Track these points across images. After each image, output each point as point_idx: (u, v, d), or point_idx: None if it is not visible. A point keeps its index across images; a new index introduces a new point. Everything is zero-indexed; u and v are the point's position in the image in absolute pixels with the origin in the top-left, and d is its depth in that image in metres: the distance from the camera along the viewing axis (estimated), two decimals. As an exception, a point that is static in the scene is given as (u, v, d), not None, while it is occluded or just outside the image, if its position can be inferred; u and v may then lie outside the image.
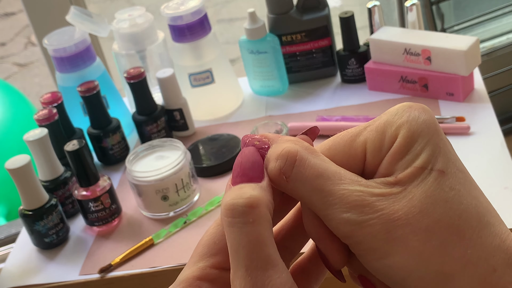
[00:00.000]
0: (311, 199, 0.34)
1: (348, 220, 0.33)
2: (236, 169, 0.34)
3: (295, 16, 1.23)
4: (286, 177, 0.34)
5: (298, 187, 0.34)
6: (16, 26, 3.52)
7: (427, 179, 0.33)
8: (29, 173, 0.98)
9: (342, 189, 0.33)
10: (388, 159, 0.34)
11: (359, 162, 0.35)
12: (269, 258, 0.32)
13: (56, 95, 1.13)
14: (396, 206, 0.32)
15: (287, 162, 0.34)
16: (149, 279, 0.96)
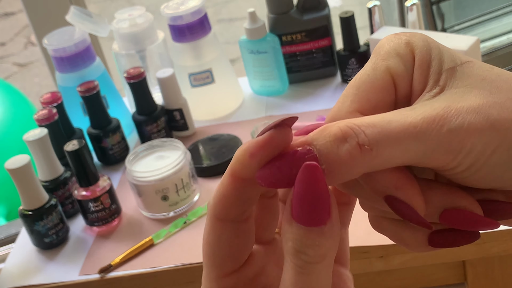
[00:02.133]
0: (405, 147, 0.29)
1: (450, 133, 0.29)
2: (303, 202, 0.29)
3: (295, 16, 1.23)
4: (368, 146, 0.29)
5: (384, 146, 0.29)
6: (16, 26, 3.52)
7: (466, 70, 0.32)
8: (29, 173, 0.98)
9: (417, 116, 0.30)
10: (419, 71, 0.32)
11: (391, 92, 0.33)
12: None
13: (56, 95, 1.13)
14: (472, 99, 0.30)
15: (356, 133, 0.29)
16: (149, 280, 0.96)
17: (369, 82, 0.33)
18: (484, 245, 0.89)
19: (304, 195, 0.29)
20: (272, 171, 0.30)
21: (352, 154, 0.29)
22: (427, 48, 0.33)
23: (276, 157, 0.30)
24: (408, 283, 0.97)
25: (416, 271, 0.95)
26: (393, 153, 0.29)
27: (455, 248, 0.89)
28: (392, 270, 0.94)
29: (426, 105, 0.31)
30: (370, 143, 0.29)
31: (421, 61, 0.32)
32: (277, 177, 0.30)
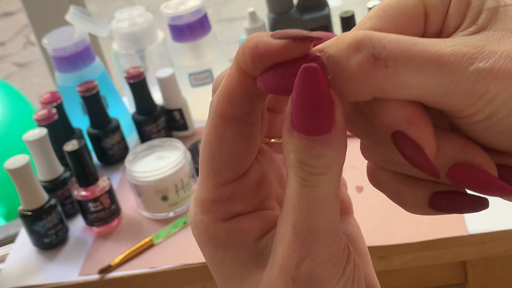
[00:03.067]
0: (422, 75, 0.26)
1: (474, 74, 0.26)
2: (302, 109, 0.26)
3: (295, 16, 1.23)
4: (384, 62, 0.25)
5: (401, 68, 0.26)
6: (15, 26, 3.52)
7: (508, 16, 0.28)
8: (28, 173, 0.98)
9: (446, 47, 0.26)
10: (456, 6, 0.29)
11: (421, 23, 0.29)
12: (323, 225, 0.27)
13: (55, 95, 1.13)
14: (504, 45, 0.27)
15: (374, 44, 0.26)
16: (148, 280, 0.96)
17: (398, 7, 0.29)
18: (484, 245, 0.89)
19: (303, 101, 0.26)
20: (274, 77, 0.27)
21: (363, 67, 0.25)
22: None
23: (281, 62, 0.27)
24: (408, 283, 0.97)
25: (416, 271, 0.95)
26: (411, 80, 0.26)
27: (455, 249, 0.89)
28: (392, 271, 0.94)
29: (458, 40, 0.27)
30: (387, 59, 0.25)
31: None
32: (279, 83, 0.27)
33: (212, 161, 0.29)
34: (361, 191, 0.99)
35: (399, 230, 0.91)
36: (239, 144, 0.29)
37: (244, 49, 0.27)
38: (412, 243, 0.89)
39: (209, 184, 0.29)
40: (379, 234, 0.91)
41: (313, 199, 0.27)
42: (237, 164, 0.29)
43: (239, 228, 0.29)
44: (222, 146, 0.29)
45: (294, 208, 0.27)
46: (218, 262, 0.30)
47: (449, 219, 0.91)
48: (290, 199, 0.27)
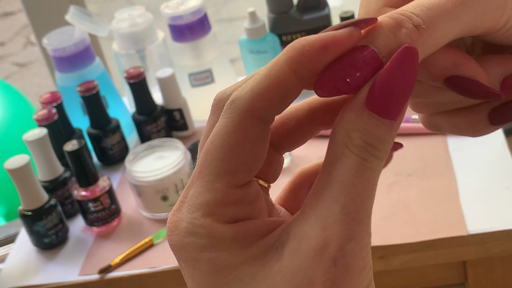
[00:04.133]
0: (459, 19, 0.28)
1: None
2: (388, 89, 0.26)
3: (295, 16, 1.23)
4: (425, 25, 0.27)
5: (439, 24, 0.27)
6: (15, 26, 3.52)
7: None
8: (28, 173, 0.98)
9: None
10: None
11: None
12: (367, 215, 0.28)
13: (55, 95, 1.13)
14: None
15: (409, 17, 0.27)
16: (148, 280, 0.96)
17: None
18: (484, 245, 0.89)
19: (394, 80, 0.26)
20: (336, 77, 0.27)
21: (412, 37, 0.27)
22: None
23: (333, 61, 0.27)
24: (408, 283, 0.97)
25: (416, 271, 0.95)
26: (448, 26, 0.28)
27: (455, 249, 0.89)
28: (392, 271, 0.94)
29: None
30: (425, 22, 0.27)
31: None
32: (342, 82, 0.27)
33: (229, 161, 0.28)
34: (361, 191, 0.99)
35: (399, 230, 0.91)
36: (259, 146, 0.29)
37: (302, 46, 0.28)
38: (412, 243, 0.89)
39: (218, 186, 0.28)
40: (379, 234, 0.91)
41: (368, 181, 0.27)
42: (254, 166, 0.29)
43: (245, 228, 0.28)
44: (244, 146, 0.28)
45: (346, 188, 0.27)
46: (219, 267, 0.28)
47: (449, 219, 0.91)
48: (342, 178, 0.27)
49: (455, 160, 1.00)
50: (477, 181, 0.95)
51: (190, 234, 0.28)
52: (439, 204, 0.93)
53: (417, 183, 0.98)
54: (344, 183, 0.27)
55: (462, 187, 0.95)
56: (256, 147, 0.28)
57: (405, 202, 0.95)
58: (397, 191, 0.98)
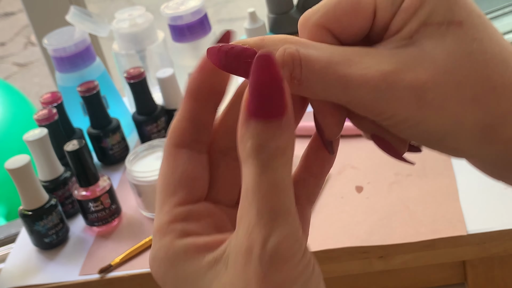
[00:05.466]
0: (329, 92, 0.31)
1: (376, 99, 0.31)
2: (255, 98, 0.29)
3: (295, 16, 1.23)
4: (298, 81, 0.31)
5: (312, 86, 0.31)
6: (15, 26, 3.52)
7: (446, 36, 0.31)
8: (29, 173, 0.98)
9: (357, 70, 0.31)
10: (401, 14, 0.32)
11: (368, 18, 0.32)
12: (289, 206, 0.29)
13: (56, 95, 1.13)
14: (420, 72, 0.31)
15: (294, 66, 0.31)
16: (149, 280, 0.96)
17: (350, 2, 0.32)
18: (484, 245, 0.89)
19: (260, 86, 0.28)
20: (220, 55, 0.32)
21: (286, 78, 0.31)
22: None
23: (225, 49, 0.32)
24: (408, 283, 0.97)
25: (416, 271, 0.95)
26: (320, 93, 0.32)
27: (455, 248, 0.89)
28: (392, 270, 0.94)
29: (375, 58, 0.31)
30: (300, 79, 0.31)
31: (409, 4, 0.31)
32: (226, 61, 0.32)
33: (167, 186, 0.33)
34: (361, 191, 0.99)
35: (399, 230, 0.91)
36: (189, 167, 0.33)
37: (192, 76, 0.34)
38: (412, 243, 0.89)
39: (165, 209, 0.32)
40: (379, 234, 0.91)
41: (274, 180, 0.29)
42: (190, 185, 0.33)
43: (196, 242, 0.31)
44: (175, 170, 0.33)
45: (255, 193, 0.29)
46: (182, 282, 0.31)
47: (448, 219, 0.91)
48: (249, 187, 0.29)
49: (454, 160, 1.00)
50: (476, 181, 0.95)
51: (156, 259, 0.32)
52: (438, 204, 0.94)
53: (417, 183, 0.98)
54: (252, 189, 0.29)
55: (461, 187, 0.95)
56: (187, 169, 0.33)
57: (405, 202, 0.95)
58: (397, 191, 0.98)
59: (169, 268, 0.31)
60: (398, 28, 0.32)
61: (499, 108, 0.31)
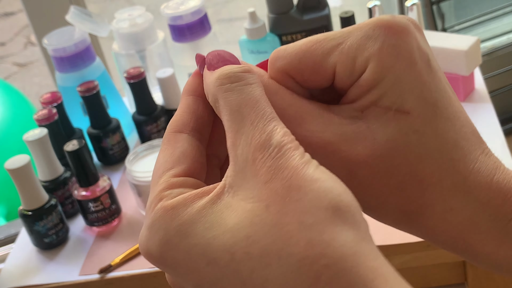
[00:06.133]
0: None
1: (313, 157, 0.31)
2: (214, 58, 0.33)
3: (295, 16, 1.23)
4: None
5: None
6: (15, 26, 3.52)
7: (390, 121, 0.32)
8: (28, 173, 0.98)
9: (303, 131, 0.32)
10: (356, 89, 0.32)
11: (328, 79, 0.33)
12: (272, 113, 0.30)
13: (55, 95, 1.13)
14: (359, 149, 0.32)
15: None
16: (149, 280, 0.96)
17: (313, 59, 0.33)
18: (484, 245, 0.89)
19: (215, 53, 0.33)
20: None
21: None
22: (380, 74, 0.31)
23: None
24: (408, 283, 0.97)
25: (416, 271, 0.95)
26: None
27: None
28: (392, 270, 0.94)
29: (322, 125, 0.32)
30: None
31: (365, 81, 0.32)
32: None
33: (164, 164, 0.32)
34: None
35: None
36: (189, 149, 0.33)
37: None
38: (412, 243, 0.89)
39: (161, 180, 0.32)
40: (379, 234, 0.91)
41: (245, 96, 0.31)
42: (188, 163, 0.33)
43: (192, 192, 0.31)
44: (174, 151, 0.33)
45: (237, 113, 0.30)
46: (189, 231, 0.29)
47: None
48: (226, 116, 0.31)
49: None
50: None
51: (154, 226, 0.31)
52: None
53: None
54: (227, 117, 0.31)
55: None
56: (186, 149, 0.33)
57: (405, 202, 0.95)
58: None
59: (170, 224, 0.30)
60: (353, 99, 0.33)
61: (422, 199, 0.32)
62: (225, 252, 0.28)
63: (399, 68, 0.31)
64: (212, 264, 0.28)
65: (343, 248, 0.26)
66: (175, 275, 0.30)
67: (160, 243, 0.30)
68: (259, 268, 0.27)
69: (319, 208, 0.27)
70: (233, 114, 0.30)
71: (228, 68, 0.32)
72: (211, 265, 0.28)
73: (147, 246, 0.30)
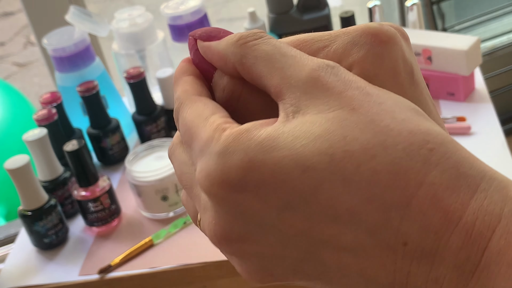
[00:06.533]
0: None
1: None
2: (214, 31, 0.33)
3: (295, 16, 1.23)
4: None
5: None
6: (15, 26, 3.52)
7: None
8: (28, 173, 0.98)
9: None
10: None
11: None
12: None
13: (55, 95, 1.13)
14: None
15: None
16: (148, 280, 0.96)
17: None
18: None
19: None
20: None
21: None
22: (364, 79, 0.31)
23: None
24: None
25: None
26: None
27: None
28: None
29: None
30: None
31: None
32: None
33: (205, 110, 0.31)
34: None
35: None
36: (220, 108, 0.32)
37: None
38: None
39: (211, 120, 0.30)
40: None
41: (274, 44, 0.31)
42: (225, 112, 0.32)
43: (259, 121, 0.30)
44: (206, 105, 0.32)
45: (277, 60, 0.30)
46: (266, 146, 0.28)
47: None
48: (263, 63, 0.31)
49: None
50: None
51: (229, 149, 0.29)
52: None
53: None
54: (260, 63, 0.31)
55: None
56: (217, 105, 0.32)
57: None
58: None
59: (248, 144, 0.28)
60: None
61: None
62: (322, 155, 0.27)
63: (382, 78, 0.31)
64: (310, 170, 0.27)
65: (442, 136, 0.27)
66: (255, 200, 0.28)
67: (242, 164, 0.28)
68: (364, 161, 0.27)
69: (405, 108, 0.28)
70: (273, 56, 0.30)
71: (246, 31, 0.32)
72: (308, 171, 0.27)
73: (223, 173, 0.28)
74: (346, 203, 0.27)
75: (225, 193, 0.28)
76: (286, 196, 0.27)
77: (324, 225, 0.27)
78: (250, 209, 0.28)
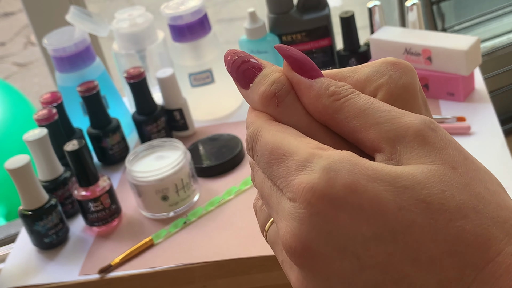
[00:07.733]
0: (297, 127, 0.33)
1: None
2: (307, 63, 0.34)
3: (295, 16, 1.23)
4: (278, 102, 0.33)
5: (286, 113, 0.33)
6: (15, 26, 3.52)
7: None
8: (28, 173, 0.98)
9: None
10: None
11: None
12: None
13: (55, 95, 1.13)
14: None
15: (284, 87, 0.33)
16: (149, 280, 0.96)
17: None
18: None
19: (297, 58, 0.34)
20: None
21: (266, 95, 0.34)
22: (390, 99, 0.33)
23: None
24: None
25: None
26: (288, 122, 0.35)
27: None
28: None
29: None
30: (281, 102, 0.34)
31: None
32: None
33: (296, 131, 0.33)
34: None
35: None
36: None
37: None
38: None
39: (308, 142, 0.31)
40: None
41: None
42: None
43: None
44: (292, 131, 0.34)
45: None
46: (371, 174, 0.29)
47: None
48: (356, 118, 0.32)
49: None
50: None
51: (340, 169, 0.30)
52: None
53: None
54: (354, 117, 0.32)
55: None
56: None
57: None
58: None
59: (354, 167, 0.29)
60: None
61: None
62: (420, 201, 0.28)
63: (405, 98, 0.33)
64: (406, 210, 0.28)
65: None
66: (348, 222, 0.28)
67: (346, 183, 0.28)
68: (456, 218, 0.28)
69: (494, 182, 0.31)
70: (366, 111, 0.31)
71: (333, 83, 0.33)
72: (404, 211, 0.28)
73: (327, 187, 0.29)
74: (429, 251, 0.28)
75: (322, 206, 0.29)
76: (377, 227, 0.28)
77: (402, 264, 0.28)
78: (338, 229, 0.29)
